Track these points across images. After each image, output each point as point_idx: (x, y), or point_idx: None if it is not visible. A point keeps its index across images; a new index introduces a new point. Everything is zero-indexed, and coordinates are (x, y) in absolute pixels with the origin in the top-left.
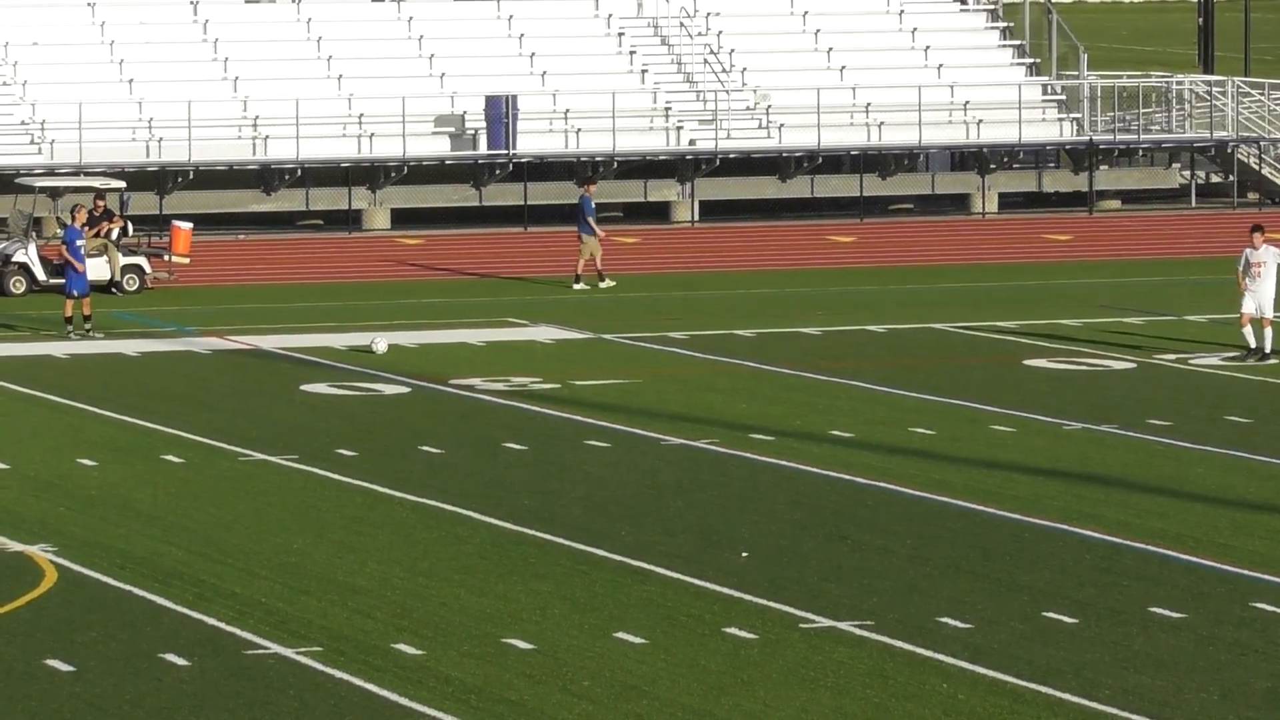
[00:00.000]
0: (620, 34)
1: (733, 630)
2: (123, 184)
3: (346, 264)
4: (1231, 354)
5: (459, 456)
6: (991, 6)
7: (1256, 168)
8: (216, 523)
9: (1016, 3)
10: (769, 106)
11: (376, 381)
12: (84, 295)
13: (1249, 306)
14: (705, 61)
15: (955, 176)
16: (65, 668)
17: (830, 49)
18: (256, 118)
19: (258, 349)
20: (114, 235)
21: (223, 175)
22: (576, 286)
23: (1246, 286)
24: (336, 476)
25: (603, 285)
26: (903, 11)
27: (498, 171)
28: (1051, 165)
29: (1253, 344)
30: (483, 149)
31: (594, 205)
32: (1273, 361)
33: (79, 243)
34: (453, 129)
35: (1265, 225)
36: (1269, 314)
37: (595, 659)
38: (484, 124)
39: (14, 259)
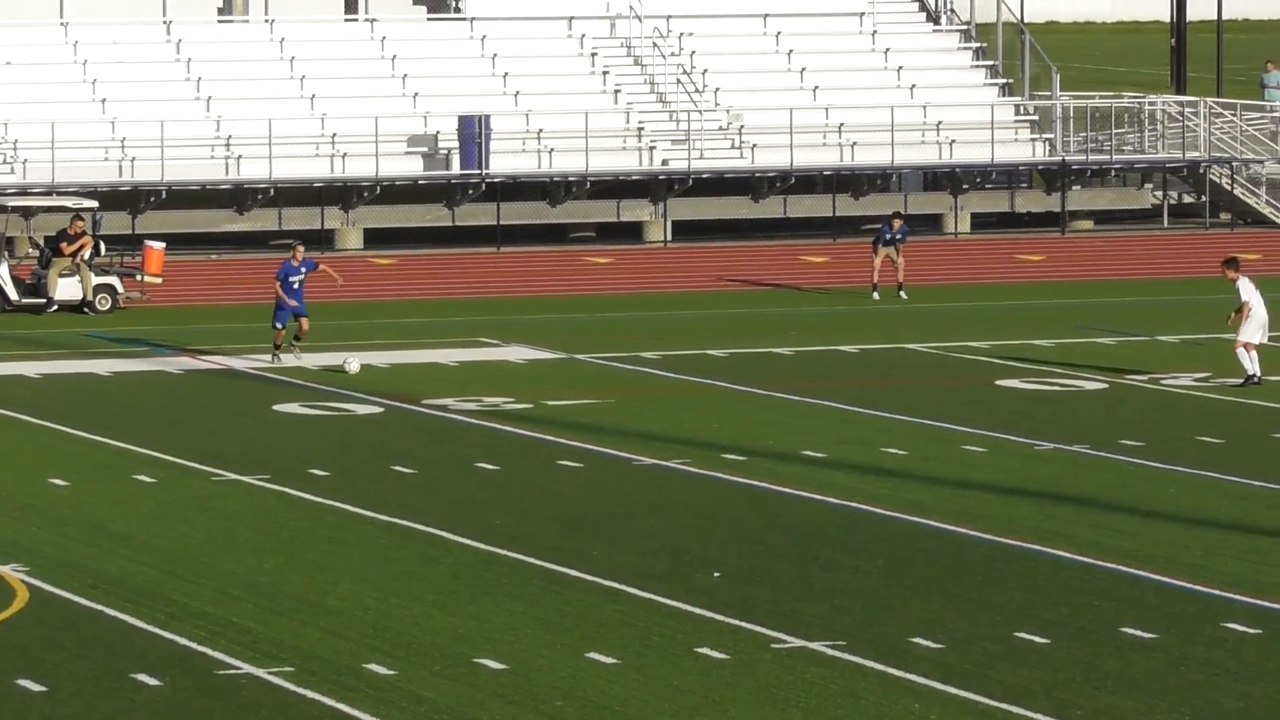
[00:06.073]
0: (593, 54)
1: (705, 650)
2: (95, 204)
3: (319, 284)
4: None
5: (431, 476)
6: (964, 27)
7: (1229, 188)
8: (188, 542)
9: (989, 23)
10: (742, 127)
11: (349, 401)
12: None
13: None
14: (678, 82)
15: (928, 197)
16: (37, 688)
17: (803, 69)
18: (229, 137)
19: (230, 369)
20: (86, 255)
21: (195, 195)
22: (901, 295)
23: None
24: (309, 496)
25: (901, 296)
26: (875, 32)
27: (470, 191)
28: (1024, 185)
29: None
30: (455, 169)
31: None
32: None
33: (293, 279)
34: (425, 149)
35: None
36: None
37: (568, 679)
38: (457, 144)
39: None
